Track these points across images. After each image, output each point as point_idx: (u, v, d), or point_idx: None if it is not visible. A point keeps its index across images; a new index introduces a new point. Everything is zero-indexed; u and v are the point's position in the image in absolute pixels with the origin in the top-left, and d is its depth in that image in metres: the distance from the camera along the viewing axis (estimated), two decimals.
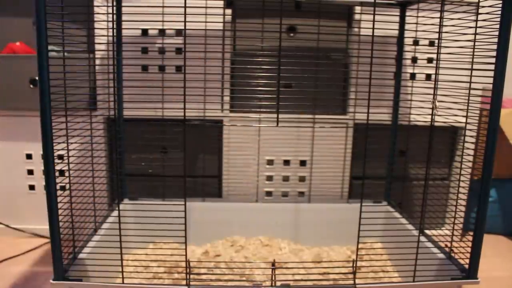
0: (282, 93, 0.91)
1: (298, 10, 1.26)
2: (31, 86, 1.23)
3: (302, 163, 1.33)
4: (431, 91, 0.95)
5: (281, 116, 0.92)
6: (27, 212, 1.36)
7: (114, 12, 1.09)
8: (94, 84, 1.24)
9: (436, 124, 0.94)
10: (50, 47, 0.76)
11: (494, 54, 0.81)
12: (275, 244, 1.23)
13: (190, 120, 1.26)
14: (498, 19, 0.80)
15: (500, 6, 0.80)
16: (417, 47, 1.28)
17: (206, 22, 1.19)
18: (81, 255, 0.92)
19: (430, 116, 0.93)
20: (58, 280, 0.84)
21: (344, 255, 1.21)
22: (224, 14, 1.23)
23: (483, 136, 0.85)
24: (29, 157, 1.33)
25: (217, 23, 1.21)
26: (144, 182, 1.29)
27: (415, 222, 1.14)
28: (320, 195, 1.34)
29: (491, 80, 0.82)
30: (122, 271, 0.87)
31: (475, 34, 0.86)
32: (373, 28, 0.83)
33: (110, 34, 1.06)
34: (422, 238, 1.02)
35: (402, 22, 1.20)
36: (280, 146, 1.31)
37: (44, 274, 1.14)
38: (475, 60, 0.87)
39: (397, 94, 1.24)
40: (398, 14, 1.19)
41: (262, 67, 1.04)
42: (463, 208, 1.01)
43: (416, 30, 1.16)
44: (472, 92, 0.90)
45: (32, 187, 1.35)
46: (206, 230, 1.23)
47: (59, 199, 0.84)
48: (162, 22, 1.20)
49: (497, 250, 1.37)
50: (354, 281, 0.88)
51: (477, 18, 0.86)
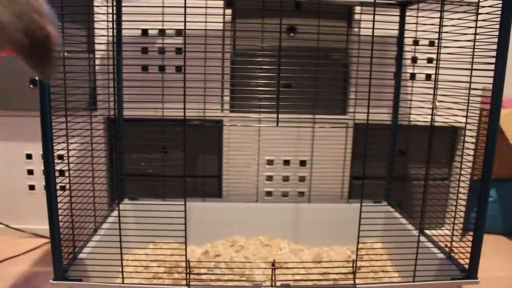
0: (282, 93, 0.91)
1: (298, 10, 1.26)
2: (31, 86, 1.23)
3: (302, 163, 1.33)
4: (431, 91, 0.95)
5: (281, 116, 0.92)
6: (27, 212, 1.36)
7: (114, 12, 1.09)
8: (94, 84, 1.24)
9: (436, 124, 0.94)
10: None
11: (494, 54, 0.82)
12: (275, 244, 1.23)
13: (190, 120, 1.26)
14: (498, 19, 0.81)
15: (500, 6, 0.80)
16: (417, 47, 1.28)
17: (206, 22, 1.19)
18: (81, 255, 0.92)
19: (430, 116, 0.94)
20: (58, 280, 0.84)
21: (344, 255, 1.21)
22: (224, 14, 1.23)
23: (483, 136, 0.85)
24: (29, 157, 1.33)
25: (217, 23, 1.21)
26: (144, 182, 1.29)
27: (415, 222, 1.14)
28: (320, 195, 1.34)
29: (491, 80, 0.83)
30: (122, 271, 0.87)
31: (475, 34, 0.86)
32: (373, 28, 0.83)
33: (110, 34, 1.06)
34: (422, 238, 1.02)
35: (402, 22, 1.20)
36: (280, 146, 1.31)
37: (44, 274, 1.14)
38: (475, 60, 0.87)
39: (397, 94, 1.24)
40: (398, 14, 1.19)
41: (262, 67, 1.04)
42: (463, 208, 1.01)
43: (416, 30, 1.16)
44: (472, 92, 0.90)
45: (32, 187, 1.35)
46: (206, 230, 1.23)
47: (59, 199, 0.84)
48: (162, 22, 1.20)
49: (497, 250, 1.37)
50: (354, 281, 0.88)
51: (477, 18, 0.86)
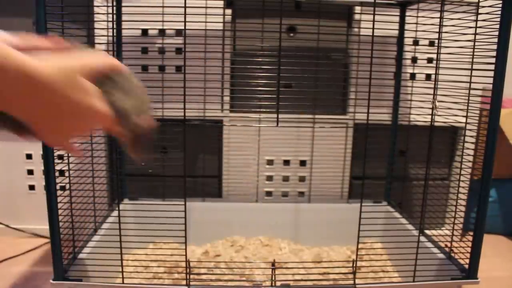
0: (282, 93, 0.91)
1: (298, 10, 1.26)
2: None
3: (302, 163, 1.33)
4: (431, 91, 0.95)
5: (281, 116, 0.92)
6: (27, 212, 1.36)
7: (114, 12, 1.09)
8: None
9: (436, 124, 0.94)
10: None
11: (494, 54, 0.82)
12: (275, 244, 1.23)
13: (190, 120, 1.26)
14: (498, 19, 0.81)
15: (500, 6, 0.80)
16: (417, 47, 1.28)
17: (206, 22, 1.19)
18: (81, 255, 0.92)
19: (430, 116, 0.94)
20: (58, 280, 0.84)
21: (344, 255, 1.21)
22: (224, 14, 1.23)
23: (483, 136, 0.85)
24: (29, 157, 1.33)
25: (217, 23, 1.21)
26: (144, 182, 1.29)
27: (415, 222, 1.14)
28: (320, 195, 1.34)
29: (491, 80, 0.83)
30: (122, 271, 0.87)
31: (475, 34, 0.86)
32: (373, 28, 0.83)
33: (110, 34, 1.06)
34: (422, 238, 1.02)
35: (402, 22, 1.20)
36: (280, 146, 1.31)
37: (44, 274, 1.14)
38: (475, 60, 0.87)
39: (397, 94, 1.24)
40: (398, 14, 1.19)
41: (262, 67, 1.04)
42: (463, 208, 1.01)
43: (416, 30, 1.16)
44: (472, 92, 0.90)
45: (32, 187, 1.35)
46: (206, 230, 1.23)
47: (59, 199, 0.84)
48: (162, 22, 1.20)
49: (497, 250, 1.37)
50: (354, 281, 0.88)
51: (477, 18, 0.86)
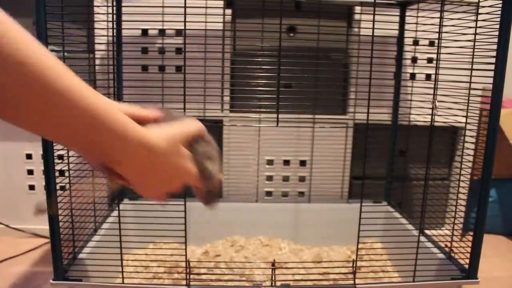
0: (282, 93, 0.91)
1: (298, 10, 1.26)
2: None
3: (302, 163, 1.33)
4: (431, 91, 0.95)
5: (281, 116, 0.92)
6: (27, 212, 1.36)
7: (114, 12, 1.09)
8: (94, 84, 1.23)
9: (436, 124, 0.94)
10: (50, 47, 0.76)
11: (494, 54, 0.82)
12: (275, 244, 1.23)
13: None
14: (498, 19, 0.81)
15: (500, 6, 0.80)
16: (417, 47, 1.28)
17: (206, 22, 1.19)
18: (81, 255, 0.92)
19: (430, 116, 0.94)
20: (58, 280, 0.84)
21: (344, 255, 1.21)
22: (224, 14, 1.22)
23: (483, 136, 0.85)
24: (29, 157, 1.33)
25: (217, 23, 1.21)
26: None
27: (415, 222, 1.14)
28: (320, 195, 1.34)
29: (491, 80, 0.83)
30: (122, 271, 0.87)
31: (475, 34, 0.86)
32: (373, 28, 0.83)
33: (110, 34, 1.06)
34: (422, 238, 1.02)
35: (402, 22, 1.20)
36: (280, 146, 1.31)
37: (44, 274, 1.14)
38: (475, 60, 0.87)
39: (397, 94, 1.24)
40: (398, 14, 1.19)
41: (262, 67, 1.04)
42: (463, 208, 1.01)
43: (416, 30, 1.16)
44: (472, 92, 0.90)
45: (32, 187, 1.35)
46: (206, 230, 1.23)
47: (59, 199, 0.84)
48: (162, 22, 1.20)
49: (497, 250, 1.37)
50: (354, 281, 0.88)
51: (477, 18, 0.86)
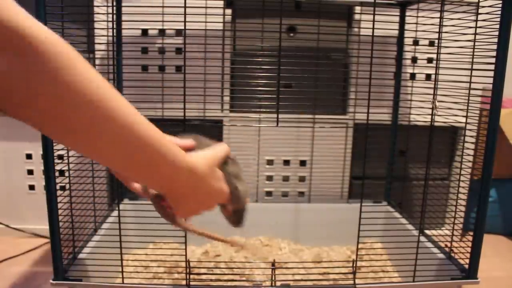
0: (282, 93, 0.91)
1: (298, 10, 1.26)
2: None
3: (302, 163, 1.33)
4: (431, 91, 0.95)
5: (281, 116, 0.92)
6: (27, 212, 1.36)
7: (114, 12, 1.09)
8: None
9: (436, 124, 0.94)
10: None
11: (494, 54, 0.82)
12: (275, 244, 1.23)
13: (190, 120, 1.26)
14: (498, 19, 0.81)
15: (500, 6, 0.80)
16: (417, 47, 1.28)
17: (206, 22, 1.19)
18: (81, 255, 0.92)
19: (430, 116, 0.94)
20: (58, 280, 0.84)
21: (344, 255, 1.21)
22: (224, 14, 1.22)
23: (483, 136, 0.85)
24: (29, 157, 1.33)
25: (217, 23, 1.21)
26: None
27: (415, 222, 1.13)
28: (320, 195, 1.34)
29: (491, 80, 0.83)
30: (122, 271, 0.87)
31: (475, 34, 0.86)
32: (373, 28, 0.83)
33: (110, 34, 1.06)
34: (422, 238, 1.02)
35: (402, 22, 1.20)
36: (280, 146, 1.31)
37: (44, 274, 1.14)
38: (475, 60, 0.87)
39: (397, 94, 1.24)
40: (398, 14, 1.19)
41: (262, 67, 1.04)
42: (463, 208, 1.01)
43: (416, 30, 1.16)
44: (472, 92, 0.90)
45: (32, 187, 1.35)
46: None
47: (59, 199, 0.84)
48: (162, 22, 1.20)
49: (497, 250, 1.37)
50: (354, 281, 0.88)
51: (477, 18, 0.86)
